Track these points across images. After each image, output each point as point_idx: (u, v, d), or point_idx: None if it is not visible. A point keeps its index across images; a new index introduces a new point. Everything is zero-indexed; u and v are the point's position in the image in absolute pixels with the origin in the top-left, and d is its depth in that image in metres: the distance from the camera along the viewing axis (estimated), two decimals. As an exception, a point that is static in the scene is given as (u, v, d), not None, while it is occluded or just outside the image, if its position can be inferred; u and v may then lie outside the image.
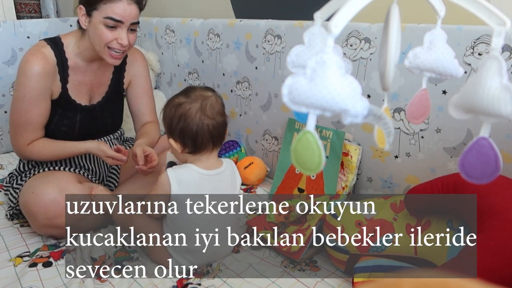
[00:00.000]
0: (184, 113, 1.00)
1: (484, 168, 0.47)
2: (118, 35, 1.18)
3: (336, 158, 1.31)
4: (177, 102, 1.02)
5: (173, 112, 1.02)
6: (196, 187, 1.02)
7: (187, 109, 1.00)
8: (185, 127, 1.00)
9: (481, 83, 0.45)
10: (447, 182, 0.91)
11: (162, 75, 2.06)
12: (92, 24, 1.18)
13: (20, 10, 2.77)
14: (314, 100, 0.40)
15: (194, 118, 1.00)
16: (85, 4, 1.18)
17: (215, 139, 1.03)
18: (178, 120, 1.01)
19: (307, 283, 1.01)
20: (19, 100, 1.20)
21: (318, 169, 0.42)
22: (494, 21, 0.47)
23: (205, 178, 1.03)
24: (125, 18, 1.17)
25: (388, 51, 0.52)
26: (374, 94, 1.24)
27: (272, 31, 1.48)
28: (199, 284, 1.01)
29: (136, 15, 1.20)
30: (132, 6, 1.18)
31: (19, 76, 1.21)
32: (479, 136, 0.47)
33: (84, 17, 1.20)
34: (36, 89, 1.19)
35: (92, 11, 1.17)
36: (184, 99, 1.02)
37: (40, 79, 1.19)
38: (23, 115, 1.21)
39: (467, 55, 1.04)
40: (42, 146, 1.24)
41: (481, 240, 0.78)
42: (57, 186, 1.13)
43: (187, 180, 1.01)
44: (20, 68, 1.20)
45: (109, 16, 1.15)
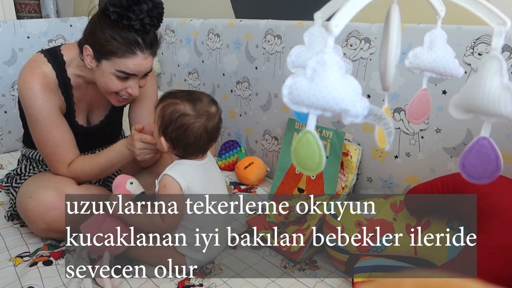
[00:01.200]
0: (187, 126, 0.99)
1: (485, 168, 0.47)
2: (129, 85, 1.10)
3: (336, 158, 1.31)
4: (182, 111, 0.99)
5: (175, 117, 0.99)
6: (198, 176, 1.04)
7: (191, 123, 0.99)
8: (182, 138, 1.00)
9: (481, 83, 0.45)
10: (447, 182, 0.91)
11: (162, 75, 2.06)
12: (100, 70, 1.09)
13: (20, 10, 2.78)
14: (314, 100, 0.40)
15: (195, 133, 1.00)
16: (94, 49, 1.07)
17: (205, 151, 1.07)
18: (177, 128, 0.99)
19: (307, 283, 1.01)
20: (35, 124, 1.13)
21: (318, 169, 0.42)
22: (494, 21, 0.47)
23: (199, 167, 1.05)
24: (139, 72, 1.09)
25: (388, 51, 0.52)
26: (374, 94, 1.24)
27: (272, 31, 1.48)
28: (200, 284, 1.01)
29: (151, 66, 1.13)
30: (147, 60, 1.09)
31: (23, 99, 1.12)
32: (480, 136, 0.47)
33: (90, 58, 1.08)
34: (46, 109, 1.11)
35: (102, 59, 1.07)
36: (191, 111, 0.99)
37: (46, 97, 1.11)
38: (46, 139, 1.13)
39: (467, 55, 1.04)
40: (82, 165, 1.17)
41: (481, 240, 0.78)
42: (55, 190, 1.10)
43: (187, 170, 1.02)
44: (21, 90, 1.11)
45: (122, 70, 1.06)
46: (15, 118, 1.87)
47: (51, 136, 1.13)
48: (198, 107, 1.00)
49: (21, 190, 1.19)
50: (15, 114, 1.87)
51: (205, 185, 1.05)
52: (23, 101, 1.13)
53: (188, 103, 1.00)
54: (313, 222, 1.12)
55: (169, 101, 1.01)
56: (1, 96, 1.85)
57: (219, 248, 1.11)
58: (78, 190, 1.15)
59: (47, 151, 1.15)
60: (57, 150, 1.14)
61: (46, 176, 1.18)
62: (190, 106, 1.00)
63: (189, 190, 1.01)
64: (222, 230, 1.10)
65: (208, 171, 1.08)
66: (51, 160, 1.16)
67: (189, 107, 1.00)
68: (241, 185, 1.56)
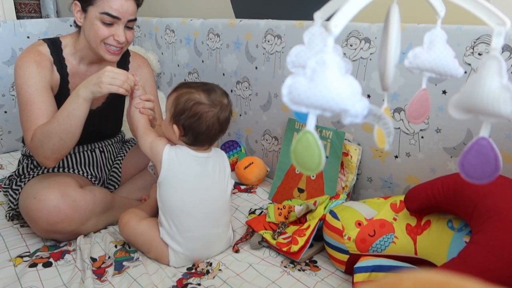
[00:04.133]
0: (201, 114, 1.02)
1: (484, 168, 0.46)
2: (114, 31, 1.16)
3: (336, 158, 1.31)
4: (197, 99, 1.02)
5: (189, 105, 1.02)
6: (190, 164, 1.06)
7: (206, 111, 1.02)
8: (195, 126, 1.03)
9: (481, 83, 0.45)
10: (447, 182, 0.91)
11: (162, 75, 2.06)
12: (87, 20, 1.15)
13: (20, 10, 2.77)
14: (314, 100, 0.40)
15: (208, 122, 1.03)
16: (80, 1, 1.15)
17: (213, 141, 1.10)
18: (191, 116, 1.02)
19: (307, 283, 1.01)
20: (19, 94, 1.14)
21: (318, 169, 0.42)
22: (494, 21, 0.47)
23: (193, 158, 1.07)
24: (122, 14, 1.14)
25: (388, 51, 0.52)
26: (374, 94, 1.24)
27: (272, 31, 1.48)
28: (199, 284, 1.01)
29: (134, 12, 1.18)
30: (129, 2, 1.15)
31: (15, 73, 1.15)
32: (479, 136, 0.47)
33: (79, 14, 1.17)
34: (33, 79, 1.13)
35: (87, 6, 1.14)
36: (206, 99, 1.03)
37: (36, 70, 1.14)
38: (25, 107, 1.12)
39: (467, 55, 1.04)
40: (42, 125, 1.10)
41: (481, 240, 0.78)
42: (59, 192, 1.11)
43: (181, 153, 1.06)
44: (15, 67, 1.16)
45: (105, 11, 1.12)
46: (15, 118, 1.88)
47: (30, 104, 1.12)
48: (213, 97, 1.04)
49: (24, 190, 1.19)
50: (15, 114, 1.88)
51: (195, 176, 1.06)
52: (15, 76, 1.16)
53: (203, 93, 1.04)
54: (313, 222, 1.12)
55: (184, 90, 1.05)
56: (1, 96, 1.85)
57: (205, 247, 1.10)
58: (81, 192, 1.15)
59: (23, 119, 1.13)
60: (31, 118, 1.11)
61: (52, 177, 1.18)
62: (205, 95, 1.03)
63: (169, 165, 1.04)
64: (205, 229, 1.09)
65: (205, 165, 1.08)
66: (25, 129, 1.13)
67: (204, 96, 1.03)
68: (241, 185, 1.56)
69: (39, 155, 1.11)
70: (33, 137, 1.10)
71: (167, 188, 1.05)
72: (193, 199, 1.06)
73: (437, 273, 0.26)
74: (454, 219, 0.93)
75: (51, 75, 1.20)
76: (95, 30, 1.15)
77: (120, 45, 1.18)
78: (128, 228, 1.12)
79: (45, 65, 1.18)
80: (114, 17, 1.14)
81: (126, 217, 1.14)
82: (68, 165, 1.32)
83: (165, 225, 1.07)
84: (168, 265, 1.08)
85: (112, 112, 1.39)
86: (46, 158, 1.11)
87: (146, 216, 1.17)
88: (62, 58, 1.23)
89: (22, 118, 1.14)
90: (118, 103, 1.41)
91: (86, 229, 1.18)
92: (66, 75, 1.24)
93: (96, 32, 1.15)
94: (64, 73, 1.24)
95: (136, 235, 1.11)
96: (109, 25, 1.15)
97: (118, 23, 1.16)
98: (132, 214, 1.14)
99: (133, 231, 1.11)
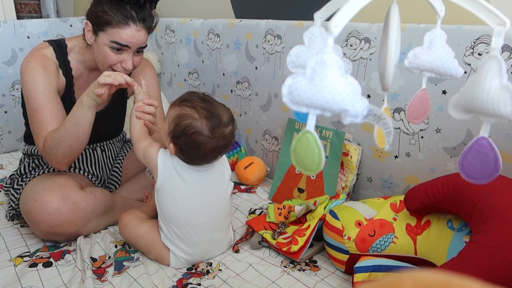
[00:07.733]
0: (199, 144, 0.98)
1: (484, 168, 0.47)
2: (123, 58, 1.15)
3: (336, 158, 1.31)
4: (198, 128, 0.97)
5: (189, 132, 0.98)
6: (182, 172, 1.03)
7: (204, 143, 0.98)
8: (191, 152, 1.00)
9: (481, 83, 0.45)
10: (447, 182, 0.91)
11: (162, 75, 2.06)
12: (97, 43, 1.16)
13: (20, 10, 2.78)
14: (314, 100, 0.40)
15: (205, 151, 1.00)
16: (92, 22, 1.15)
17: (210, 162, 1.06)
18: (189, 142, 0.98)
19: (307, 283, 1.01)
20: (28, 99, 1.14)
21: (318, 169, 0.42)
22: (494, 21, 0.47)
23: (190, 167, 1.04)
24: (132, 44, 1.14)
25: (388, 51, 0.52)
26: (374, 94, 1.24)
27: (272, 31, 1.48)
28: (199, 284, 1.01)
29: (144, 40, 1.18)
30: (140, 32, 1.15)
31: (22, 79, 1.15)
32: (479, 136, 0.47)
33: (90, 33, 1.17)
34: (41, 85, 1.14)
35: (98, 31, 1.14)
36: (207, 131, 0.98)
37: (43, 75, 1.15)
38: (35, 114, 1.13)
39: (467, 55, 1.04)
40: (51, 133, 1.11)
41: (481, 240, 0.78)
42: (59, 194, 1.11)
43: (171, 163, 1.03)
44: (21, 71, 1.16)
45: (115, 40, 1.12)
46: (15, 118, 1.88)
47: (40, 111, 1.13)
48: (216, 129, 0.98)
49: (25, 191, 1.19)
50: (15, 114, 1.88)
51: (194, 184, 1.04)
52: (22, 81, 1.16)
53: (206, 121, 0.98)
54: (313, 222, 1.12)
55: (187, 112, 0.99)
56: (1, 96, 1.85)
57: (206, 251, 1.10)
58: (82, 194, 1.15)
59: (34, 125, 1.14)
60: (42, 124, 1.13)
61: (52, 178, 1.18)
62: (207, 125, 0.98)
63: (165, 173, 1.02)
64: (205, 235, 1.08)
65: (203, 173, 1.05)
66: (36, 135, 1.14)
67: (206, 127, 0.98)
68: (241, 185, 1.56)
69: (51, 160, 1.13)
70: (44, 144, 1.12)
71: (165, 196, 1.04)
72: (192, 207, 1.04)
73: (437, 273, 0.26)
74: (454, 219, 0.93)
75: (57, 78, 1.20)
76: (103, 55, 1.15)
77: (126, 72, 1.18)
78: (128, 230, 1.12)
79: (51, 69, 1.18)
80: (124, 46, 1.14)
81: (126, 219, 1.13)
82: None
83: (165, 231, 1.07)
84: (169, 266, 1.09)
85: (114, 114, 1.39)
86: (58, 163, 1.14)
87: (146, 217, 1.17)
88: (67, 62, 1.24)
89: (33, 125, 1.15)
90: (120, 106, 1.41)
91: (86, 230, 1.18)
92: (71, 78, 1.25)
93: (105, 57, 1.15)
94: (69, 76, 1.24)
95: (136, 237, 1.11)
96: (118, 52, 1.15)
97: (127, 50, 1.15)
98: (133, 216, 1.14)
99: (133, 233, 1.11)
